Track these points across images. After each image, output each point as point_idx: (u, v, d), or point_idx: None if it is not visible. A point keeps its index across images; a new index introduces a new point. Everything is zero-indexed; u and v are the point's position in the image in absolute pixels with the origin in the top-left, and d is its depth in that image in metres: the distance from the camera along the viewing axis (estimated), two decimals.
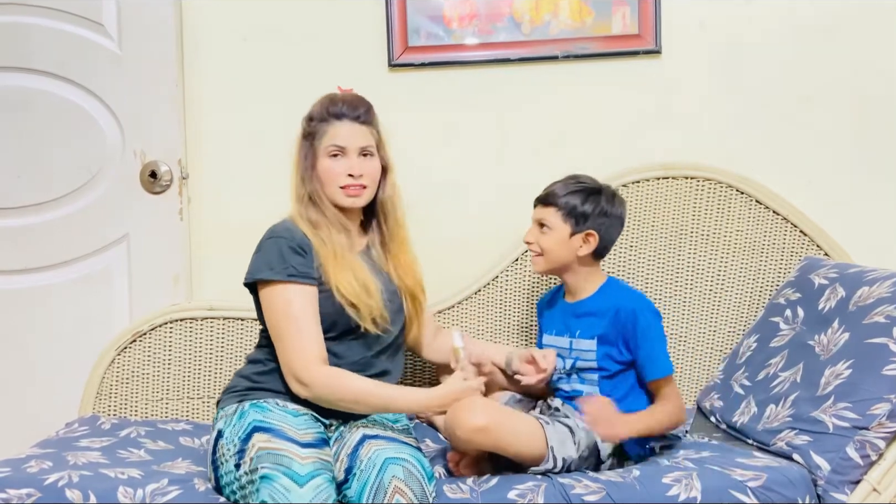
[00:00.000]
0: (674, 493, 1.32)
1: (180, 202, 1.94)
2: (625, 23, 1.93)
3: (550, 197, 1.53)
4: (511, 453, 1.38)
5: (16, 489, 1.34)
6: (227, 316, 1.86)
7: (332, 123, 1.49)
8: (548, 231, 1.53)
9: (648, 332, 1.48)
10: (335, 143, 1.48)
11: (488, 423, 1.33)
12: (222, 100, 1.99)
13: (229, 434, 1.37)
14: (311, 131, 1.50)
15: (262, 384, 1.46)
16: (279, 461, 1.27)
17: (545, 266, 1.55)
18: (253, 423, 1.35)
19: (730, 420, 1.61)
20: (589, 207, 1.51)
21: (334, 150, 1.48)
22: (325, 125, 1.49)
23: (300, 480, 1.25)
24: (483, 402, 1.40)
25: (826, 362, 1.49)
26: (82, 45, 1.92)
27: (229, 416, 1.40)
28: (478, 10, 1.94)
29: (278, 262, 1.42)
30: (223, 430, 1.39)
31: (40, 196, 1.95)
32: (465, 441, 1.36)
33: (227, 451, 1.36)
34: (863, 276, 1.58)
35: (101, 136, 1.94)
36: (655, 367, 1.48)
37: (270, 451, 1.29)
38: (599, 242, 1.52)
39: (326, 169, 1.48)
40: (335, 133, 1.49)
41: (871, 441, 1.36)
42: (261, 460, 1.28)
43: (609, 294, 1.55)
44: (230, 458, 1.34)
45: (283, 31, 1.98)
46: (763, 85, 1.94)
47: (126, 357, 1.84)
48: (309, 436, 1.35)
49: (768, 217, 1.86)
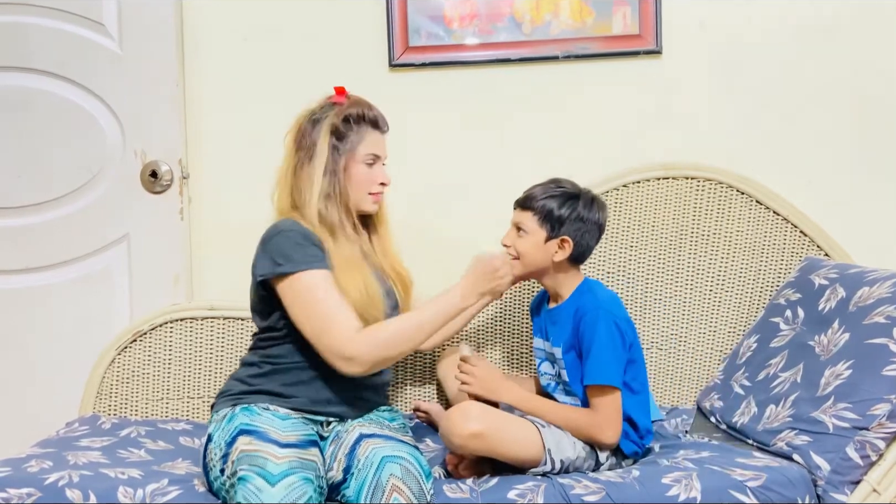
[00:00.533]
0: (674, 494, 1.32)
1: (181, 202, 1.94)
2: (625, 23, 1.93)
3: (528, 200, 1.51)
4: (508, 458, 1.38)
5: (16, 489, 1.34)
6: (228, 316, 1.86)
7: (371, 132, 1.51)
8: (524, 235, 1.50)
9: (597, 336, 1.42)
10: (375, 153, 1.51)
11: (483, 429, 1.33)
12: (223, 99, 1.99)
13: (217, 439, 1.37)
14: (345, 132, 1.49)
15: (257, 386, 1.45)
16: (254, 462, 1.28)
17: (521, 270, 1.51)
18: (239, 427, 1.35)
19: (730, 420, 1.61)
20: (565, 212, 1.48)
21: (372, 158, 1.51)
22: (363, 132, 1.50)
23: (272, 480, 1.25)
24: (478, 407, 1.38)
25: (826, 363, 1.49)
26: (83, 44, 1.92)
27: (219, 422, 1.40)
28: (478, 10, 1.94)
29: (294, 253, 1.40)
30: (213, 435, 1.39)
31: (41, 196, 1.95)
32: (460, 447, 1.36)
33: (214, 455, 1.36)
34: (863, 276, 1.58)
35: (102, 135, 1.94)
36: (592, 372, 1.42)
37: (249, 453, 1.29)
38: (575, 248, 1.49)
39: (362, 175, 1.50)
40: (375, 142, 1.51)
41: (871, 441, 1.36)
42: (240, 462, 1.29)
43: (577, 299, 1.51)
44: (217, 462, 1.35)
45: (283, 31, 1.98)
46: (763, 85, 1.94)
47: (126, 357, 1.84)
48: (292, 437, 1.34)
49: (768, 217, 1.86)
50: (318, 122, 1.50)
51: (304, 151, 1.49)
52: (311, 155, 1.48)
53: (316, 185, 1.47)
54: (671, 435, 1.64)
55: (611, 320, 1.44)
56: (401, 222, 1.95)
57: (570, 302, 1.52)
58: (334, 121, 1.49)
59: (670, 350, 1.86)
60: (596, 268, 1.87)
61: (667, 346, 1.86)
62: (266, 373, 1.46)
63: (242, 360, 1.53)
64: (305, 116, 1.53)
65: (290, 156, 1.52)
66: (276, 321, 1.46)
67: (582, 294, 1.52)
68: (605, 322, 1.43)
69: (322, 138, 1.48)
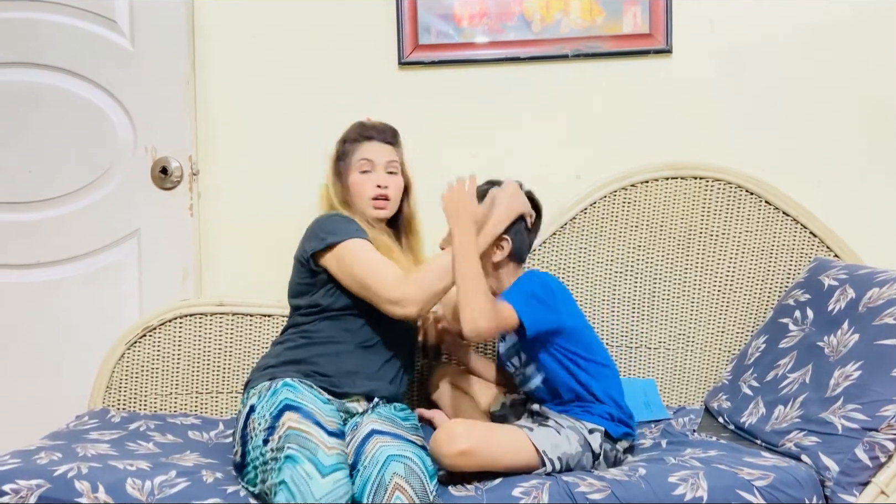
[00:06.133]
0: (680, 493, 1.31)
1: (191, 198, 1.95)
2: (636, 22, 1.93)
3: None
4: (502, 468, 1.37)
5: (26, 480, 1.35)
6: (236, 311, 1.87)
7: (362, 143, 1.64)
8: None
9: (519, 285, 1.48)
10: (365, 157, 1.63)
11: (470, 446, 1.33)
12: (233, 97, 2.00)
13: (261, 409, 1.40)
14: (344, 151, 1.64)
15: (288, 357, 1.52)
16: (306, 445, 1.30)
17: None
18: (285, 401, 1.39)
19: (738, 421, 1.60)
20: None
21: (365, 164, 1.62)
22: (356, 145, 1.64)
23: (323, 470, 1.27)
24: (462, 425, 1.37)
25: (835, 363, 1.48)
26: (95, 41, 1.94)
27: (262, 393, 1.44)
28: (488, 9, 1.95)
29: (338, 228, 1.54)
30: (255, 405, 1.42)
31: (52, 191, 1.97)
32: (451, 466, 1.35)
33: (258, 425, 1.39)
34: (873, 277, 1.57)
35: (113, 132, 1.95)
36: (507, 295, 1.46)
37: (299, 433, 1.32)
38: (514, 245, 1.53)
39: (358, 182, 1.62)
40: (365, 150, 1.64)
41: (881, 443, 1.35)
42: (289, 440, 1.31)
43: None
44: (261, 432, 1.37)
45: (293, 29, 1.99)
46: (773, 85, 1.93)
47: (136, 351, 1.85)
48: (334, 424, 1.38)
49: (778, 218, 1.85)
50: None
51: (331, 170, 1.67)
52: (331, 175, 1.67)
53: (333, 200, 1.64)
54: (679, 433, 1.63)
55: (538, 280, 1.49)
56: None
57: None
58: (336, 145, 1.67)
59: (678, 350, 1.85)
60: (603, 268, 1.87)
61: (675, 346, 1.85)
62: (300, 345, 1.54)
63: (274, 342, 1.61)
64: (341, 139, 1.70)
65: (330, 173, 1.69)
66: (314, 300, 1.56)
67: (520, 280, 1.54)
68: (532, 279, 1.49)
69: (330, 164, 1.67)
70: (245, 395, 1.50)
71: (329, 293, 1.55)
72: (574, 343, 1.49)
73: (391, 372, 1.57)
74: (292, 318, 1.62)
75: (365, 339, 1.55)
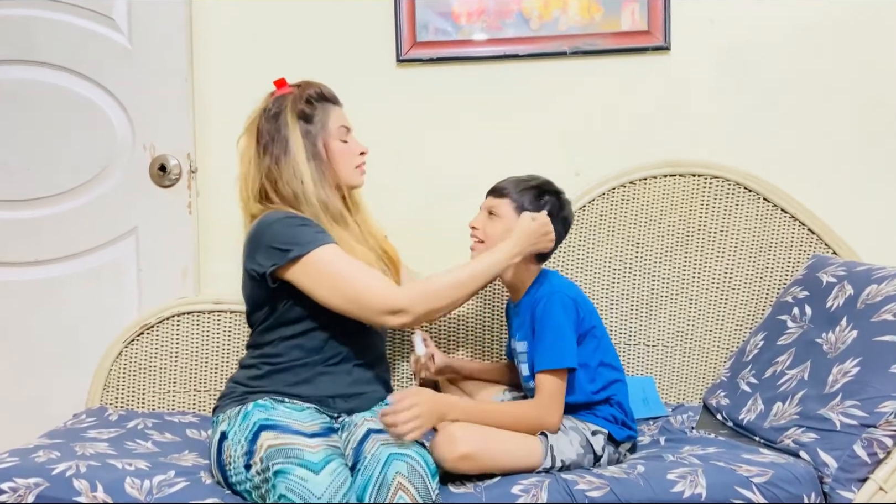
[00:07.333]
0: (679, 490, 1.32)
1: (189, 196, 1.95)
2: (634, 19, 1.92)
3: (505, 188, 1.53)
4: (505, 468, 1.36)
5: (24, 478, 1.35)
6: (234, 309, 1.87)
7: (332, 107, 1.52)
8: (496, 219, 1.52)
9: (546, 321, 1.42)
10: (344, 125, 1.52)
11: (471, 449, 1.32)
12: (231, 94, 1.99)
13: (234, 435, 1.35)
14: (311, 114, 1.48)
15: (260, 388, 1.43)
16: (290, 454, 1.27)
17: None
18: (258, 423, 1.34)
19: (736, 418, 1.60)
20: (541, 204, 1.51)
21: (344, 131, 1.52)
22: (326, 108, 1.50)
23: (315, 468, 1.25)
24: (462, 428, 1.33)
25: (834, 360, 1.49)
26: (93, 38, 1.93)
27: (232, 418, 1.38)
28: (486, 6, 1.94)
29: (300, 236, 1.38)
30: (227, 432, 1.37)
31: (50, 189, 1.96)
32: (453, 470, 1.34)
33: (234, 452, 1.34)
34: (871, 273, 1.57)
35: (111, 129, 1.95)
36: (541, 358, 1.41)
37: (280, 447, 1.28)
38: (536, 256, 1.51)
39: (342, 151, 1.50)
40: (340, 115, 1.53)
41: (879, 439, 1.36)
42: (272, 458, 1.27)
43: (536, 289, 1.51)
44: (238, 458, 1.33)
45: (291, 26, 1.98)
46: (772, 83, 1.93)
47: (134, 349, 1.85)
48: (315, 426, 1.35)
49: (776, 215, 1.85)
50: (277, 116, 1.48)
51: (273, 148, 1.46)
52: (285, 148, 1.45)
53: (305, 174, 1.44)
54: (677, 430, 1.64)
55: (565, 304, 1.43)
56: (406, 216, 1.96)
57: (528, 293, 1.53)
58: (299, 106, 1.47)
59: (676, 347, 1.85)
60: (602, 265, 1.87)
61: (673, 343, 1.85)
62: (266, 374, 1.44)
63: (241, 363, 1.51)
64: (258, 116, 1.51)
65: (255, 159, 1.49)
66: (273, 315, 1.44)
67: (540, 284, 1.52)
68: (559, 305, 1.43)
69: (291, 128, 1.46)
70: (214, 420, 1.42)
71: (288, 308, 1.43)
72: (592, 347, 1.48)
73: (366, 380, 1.49)
74: (253, 336, 1.50)
75: (332, 354, 1.45)
